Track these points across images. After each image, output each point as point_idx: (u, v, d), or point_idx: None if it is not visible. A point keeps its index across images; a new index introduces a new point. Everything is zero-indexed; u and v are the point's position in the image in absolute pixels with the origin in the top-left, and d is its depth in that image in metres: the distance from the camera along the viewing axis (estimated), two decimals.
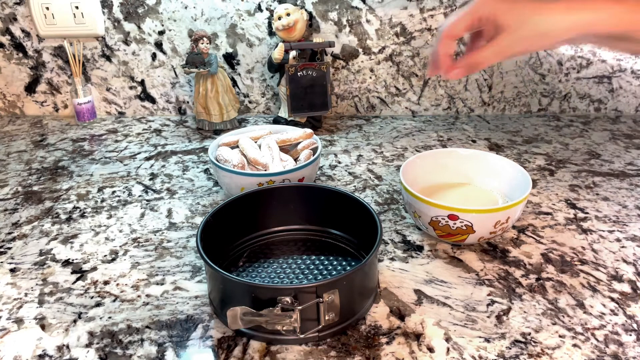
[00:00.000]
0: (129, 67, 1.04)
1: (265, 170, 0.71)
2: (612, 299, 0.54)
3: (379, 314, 0.53)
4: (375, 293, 0.55)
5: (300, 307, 0.46)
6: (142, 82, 1.06)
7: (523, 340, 0.49)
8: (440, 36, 0.53)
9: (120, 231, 0.69)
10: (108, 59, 1.04)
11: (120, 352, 0.49)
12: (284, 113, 0.99)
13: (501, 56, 0.51)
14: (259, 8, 0.98)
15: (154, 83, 1.06)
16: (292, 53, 0.93)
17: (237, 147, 0.76)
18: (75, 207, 0.75)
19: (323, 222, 0.64)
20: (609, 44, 0.51)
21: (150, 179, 0.82)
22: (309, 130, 0.78)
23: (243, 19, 0.99)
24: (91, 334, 0.52)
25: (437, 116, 1.05)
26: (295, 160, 0.75)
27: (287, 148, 0.77)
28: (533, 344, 0.49)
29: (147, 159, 0.89)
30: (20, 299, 0.57)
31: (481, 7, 0.49)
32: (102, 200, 0.76)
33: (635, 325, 0.51)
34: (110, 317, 0.54)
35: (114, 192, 0.79)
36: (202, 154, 0.90)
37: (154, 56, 1.03)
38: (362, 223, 0.58)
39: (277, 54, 0.93)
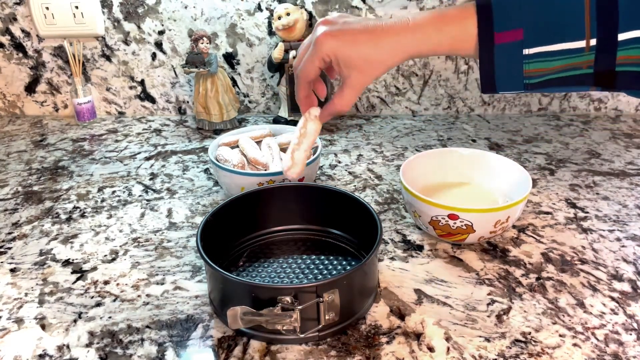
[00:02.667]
0: (129, 67, 1.04)
1: (265, 170, 0.71)
2: (612, 299, 0.54)
3: (379, 313, 0.53)
4: (375, 293, 0.55)
5: (300, 307, 0.46)
6: (142, 82, 1.06)
7: (523, 339, 0.49)
8: (299, 81, 0.58)
9: (121, 231, 0.69)
10: (108, 58, 1.04)
11: (120, 352, 0.49)
12: (284, 113, 0.99)
13: (357, 93, 0.56)
14: (259, 8, 0.98)
15: (154, 83, 1.06)
16: (292, 53, 0.93)
17: (237, 146, 0.77)
18: (75, 207, 0.75)
19: (323, 222, 0.64)
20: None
21: (150, 179, 0.82)
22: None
23: (243, 19, 0.99)
24: (91, 333, 0.52)
25: (437, 116, 1.05)
26: None
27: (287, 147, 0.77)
28: (533, 343, 0.49)
29: (147, 158, 0.89)
30: (21, 299, 0.57)
31: (322, 46, 0.54)
32: (102, 200, 0.76)
33: (635, 325, 0.51)
34: (110, 317, 0.54)
35: (114, 192, 0.79)
36: (202, 154, 0.90)
37: (153, 56, 1.03)
38: (362, 223, 0.58)
39: (277, 54, 0.93)
